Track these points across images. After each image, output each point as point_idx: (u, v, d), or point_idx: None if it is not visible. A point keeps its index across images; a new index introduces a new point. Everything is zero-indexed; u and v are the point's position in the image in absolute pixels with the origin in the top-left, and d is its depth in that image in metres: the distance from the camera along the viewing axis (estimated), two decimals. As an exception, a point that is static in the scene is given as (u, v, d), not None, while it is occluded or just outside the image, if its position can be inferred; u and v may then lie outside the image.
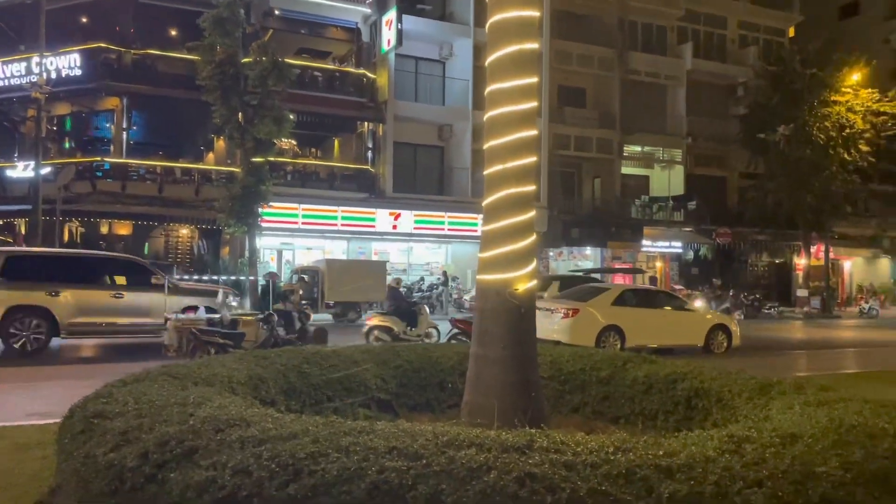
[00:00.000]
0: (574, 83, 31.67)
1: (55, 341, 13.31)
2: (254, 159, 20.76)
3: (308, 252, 26.10)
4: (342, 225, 25.57)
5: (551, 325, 13.58)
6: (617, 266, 30.01)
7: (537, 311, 5.74)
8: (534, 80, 5.12)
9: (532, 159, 5.15)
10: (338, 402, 6.26)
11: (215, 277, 13.41)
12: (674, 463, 2.97)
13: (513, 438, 3.18)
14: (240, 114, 20.38)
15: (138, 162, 23.84)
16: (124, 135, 24.25)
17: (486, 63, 5.22)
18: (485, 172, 5.23)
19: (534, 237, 5.18)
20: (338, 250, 26.29)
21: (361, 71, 26.64)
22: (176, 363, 5.98)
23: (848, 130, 30.52)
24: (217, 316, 11.86)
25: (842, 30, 38.91)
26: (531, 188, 5.15)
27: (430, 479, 2.82)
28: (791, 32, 37.79)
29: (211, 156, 26.28)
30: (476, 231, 26.81)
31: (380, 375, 6.69)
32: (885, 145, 32.06)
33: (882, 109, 31.01)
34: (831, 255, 34.47)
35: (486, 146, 5.23)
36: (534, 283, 5.17)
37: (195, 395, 4.26)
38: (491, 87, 5.14)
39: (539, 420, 5.04)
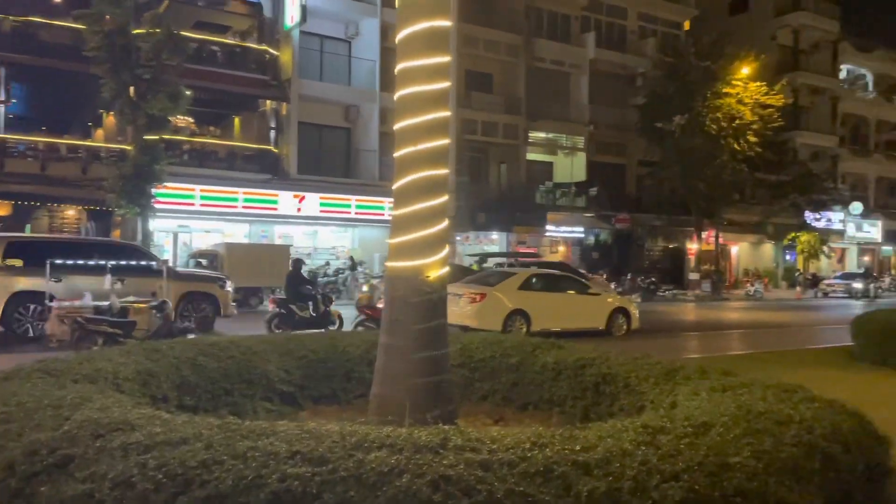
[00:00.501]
0: (481, 68, 31.75)
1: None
2: (147, 137, 19.59)
3: (206, 235, 25.03)
4: (243, 207, 24.63)
5: (459, 310, 13.54)
6: (521, 251, 30.45)
7: (444, 297, 5.60)
8: (446, 59, 4.92)
9: (445, 141, 4.96)
10: (237, 395, 5.91)
11: (103, 262, 12.64)
12: (591, 458, 2.87)
13: (426, 437, 2.99)
14: (131, 88, 19.13)
15: (18, 137, 22.09)
16: (2, 108, 22.37)
17: (397, 39, 4.98)
18: (395, 154, 5.00)
19: (446, 222, 5.00)
20: (239, 233, 25.35)
21: (263, 47, 25.65)
22: (56, 356, 5.44)
23: (738, 122, 32.12)
24: (106, 304, 11.11)
25: (732, 25, 40.74)
26: (444, 171, 4.97)
27: (337, 486, 2.60)
28: (687, 26, 39.29)
29: (100, 132, 24.70)
30: (384, 215, 26.52)
31: (283, 367, 6.37)
32: (771, 136, 34.00)
33: (769, 102, 32.79)
34: (721, 240, 36.34)
35: (396, 127, 5.00)
36: (446, 269, 5.00)
37: (73, 395, 3.85)
38: (401, 65, 4.91)
39: (449, 411, 4.90)
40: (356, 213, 26.64)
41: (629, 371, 5.71)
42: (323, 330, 11.90)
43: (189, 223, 24.67)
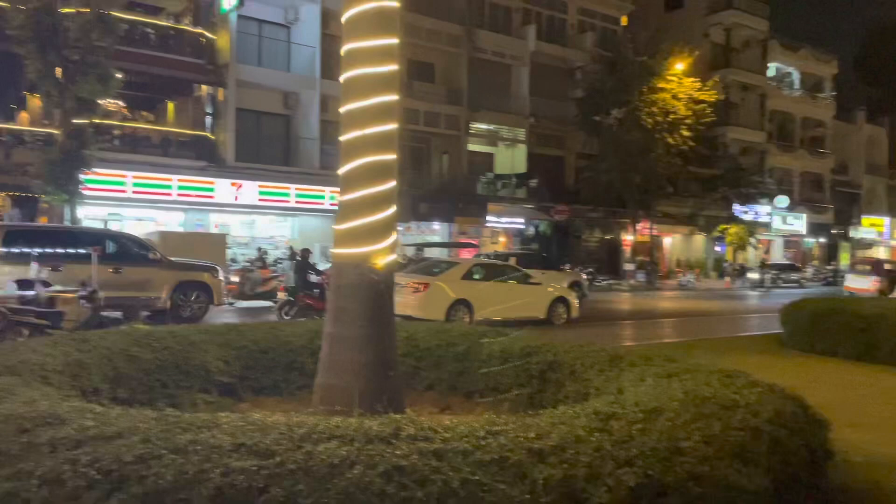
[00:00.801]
0: (423, 58, 31.53)
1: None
2: (75, 121, 18.74)
3: (139, 224, 24.15)
4: (178, 195, 23.84)
5: (402, 299, 13.42)
6: (463, 241, 30.51)
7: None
8: (394, 41, 4.80)
9: (393, 126, 4.85)
10: (173, 387, 5.69)
11: (38, 250, 12.28)
12: (546, 445, 2.84)
13: (377, 427, 2.90)
14: (59, 70, 18.25)
15: (-67, 119, 20.84)
16: (-86, 88, 21.06)
17: (343, 19, 4.83)
18: (342, 138, 4.87)
19: (394, 209, 4.90)
20: (173, 222, 24.54)
21: (199, 30, 24.83)
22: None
23: (672, 116, 32.90)
24: (32, 293, 10.57)
25: (668, 21, 41.66)
26: (392, 156, 4.86)
27: (285, 480, 2.48)
28: (624, 21, 39.94)
29: (24, 115, 23.47)
30: (324, 204, 26.14)
31: (222, 357, 6.17)
32: (703, 131, 34.99)
33: (702, 98, 33.70)
34: (655, 231, 37.25)
35: (342, 110, 4.86)
36: (394, 257, 4.90)
37: (-5, 389, 3.60)
38: (348, 46, 4.77)
39: (396, 401, 4.81)
40: (296, 202, 26.14)
41: (575, 359, 5.75)
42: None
43: (120, 211, 23.76)
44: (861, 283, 26.83)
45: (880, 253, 56.22)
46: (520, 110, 34.09)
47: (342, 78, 4.87)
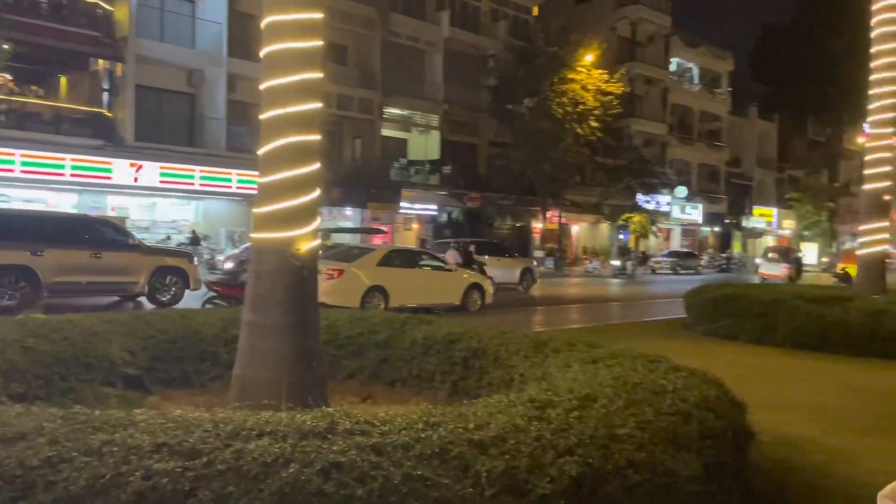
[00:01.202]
0: (335, 39, 30.87)
1: None
2: (-45, 93, 17.28)
3: (28, 206, 22.58)
4: (71, 175, 22.40)
5: (315, 286, 13.15)
6: (373, 227, 30.25)
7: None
8: (319, 15, 4.58)
9: (317, 105, 4.64)
10: (73, 381, 5.28)
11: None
12: (486, 436, 2.76)
13: (311, 422, 2.75)
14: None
15: None
16: None
17: (265, -10, 4.57)
18: (262, 116, 4.62)
19: (318, 192, 4.70)
20: (66, 204, 23.08)
21: (95, 1, 23.36)
22: None
23: (581, 107, 33.69)
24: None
25: (577, 13, 42.55)
26: (316, 137, 4.65)
27: (213, 481, 2.30)
28: (535, 11, 40.48)
29: None
30: (231, 187, 25.26)
31: (127, 348, 5.79)
32: (610, 122, 36.03)
33: (609, 90, 34.65)
34: (563, 219, 38.14)
35: (263, 86, 4.61)
36: (317, 242, 4.71)
37: None
38: (271, 19, 4.51)
39: (321, 392, 4.64)
40: (200, 185, 25.10)
41: (499, 345, 5.73)
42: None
43: (7, 192, 22.14)
44: (773, 270, 29.74)
45: (769, 241, 59.84)
46: (433, 96, 34.01)
47: (263, 52, 4.62)
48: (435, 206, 33.60)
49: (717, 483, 3.24)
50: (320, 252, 17.18)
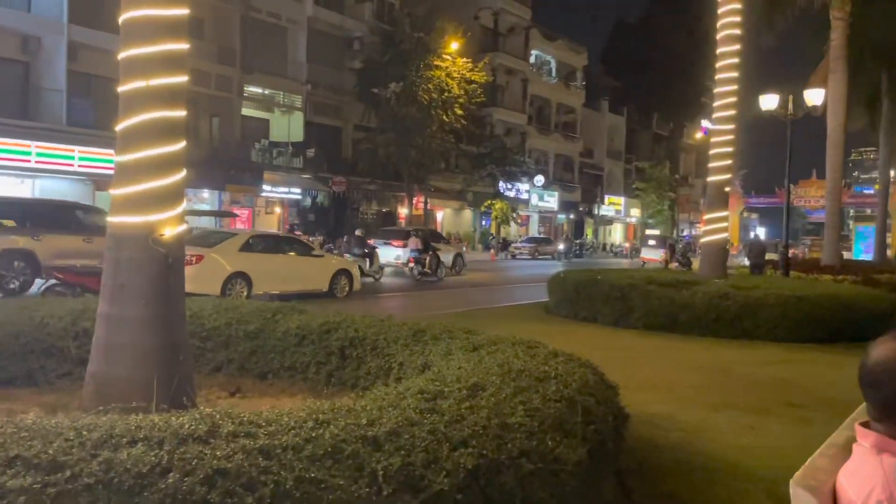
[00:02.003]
0: (190, 12, 29.14)
1: None
2: None
3: None
4: None
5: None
6: (235, 210, 29.04)
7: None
8: (186, -19, 4.23)
9: (183, 78, 4.29)
10: None
11: None
12: (380, 432, 2.66)
13: (189, 425, 2.51)
14: None
15: None
16: None
17: (124, -51, 4.15)
18: (121, 89, 4.20)
19: (183, 172, 4.35)
20: None
21: None
22: None
23: (446, 94, 34.00)
24: None
25: (442, 1, 42.80)
26: (181, 113, 4.29)
27: (80, 497, 2.04)
28: (402, -5, 40.27)
29: None
30: (73, 165, 23.31)
31: (-43, 344, 5.15)
32: (474, 111, 36.68)
33: (473, 78, 35.21)
34: (428, 205, 38.48)
35: (122, 56, 4.19)
36: (184, 227, 4.37)
37: None
38: (131, -19, 4.10)
39: (188, 388, 4.33)
40: (37, 162, 22.90)
41: (377, 333, 5.62)
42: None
43: None
44: (653, 255, 32.99)
45: (618, 228, 63.59)
46: (296, 76, 33.06)
47: (122, 19, 4.20)
48: (299, 190, 32.76)
49: (598, 466, 3.33)
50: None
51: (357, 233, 21.81)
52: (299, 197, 33.07)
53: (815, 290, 11.39)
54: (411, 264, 21.94)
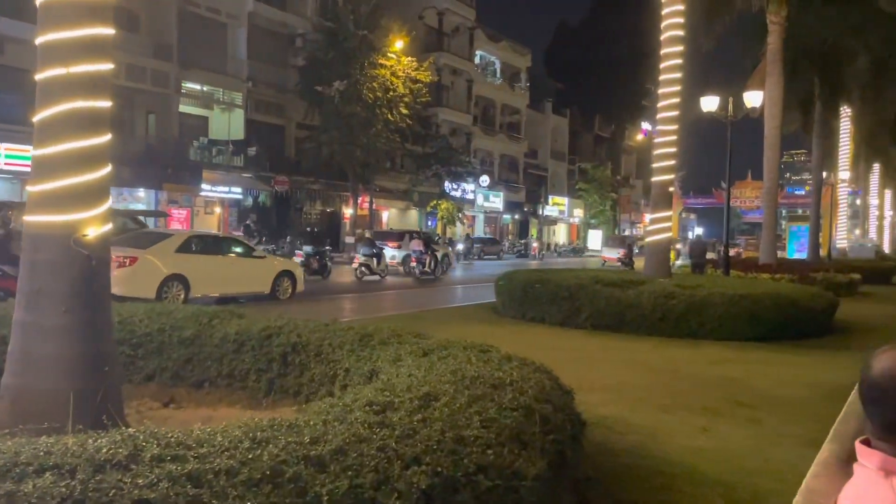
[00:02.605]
0: (123, 3, 28.07)
1: None
2: None
3: None
4: None
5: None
6: (172, 210, 28.13)
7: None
8: (111, -40, 3.89)
9: (107, 66, 3.95)
10: None
11: None
12: (325, 451, 2.42)
13: (108, 448, 2.23)
14: None
15: None
16: None
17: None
18: (38, 76, 3.84)
19: (109, 168, 4.01)
20: None
21: None
22: None
23: (391, 93, 33.67)
24: None
25: (387, -1, 42.44)
26: (106, 103, 3.96)
27: (-29, 542, 1.75)
28: (345, -8, 39.73)
29: None
30: (-4, 162, 22.18)
31: None
32: (420, 110, 36.46)
33: (418, 77, 34.98)
34: (374, 205, 38.07)
35: (40, 41, 3.83)
36: (109, 227, 4.03)
37: None
38: (48, -42, 3.75)
39: (115, 403, 3.99)
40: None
41: (321, 338, 5.36)
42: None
43: None
44: (613, 254, 34.13)
45: (562, 228, 64.31)
46: (236, 73, 32.24)
47: (40, 0, 3.84)
48: (239, 190, 31.94)
49: (558, 478, 3.16)
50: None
51: (366, 234, 24.61)
52: (240, 196, 32.25)
53: (757, 289, 11.56)
54: (413, 263, 24.37)
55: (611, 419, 5.73)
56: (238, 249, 14.94)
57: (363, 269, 21.58)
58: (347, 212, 37.11)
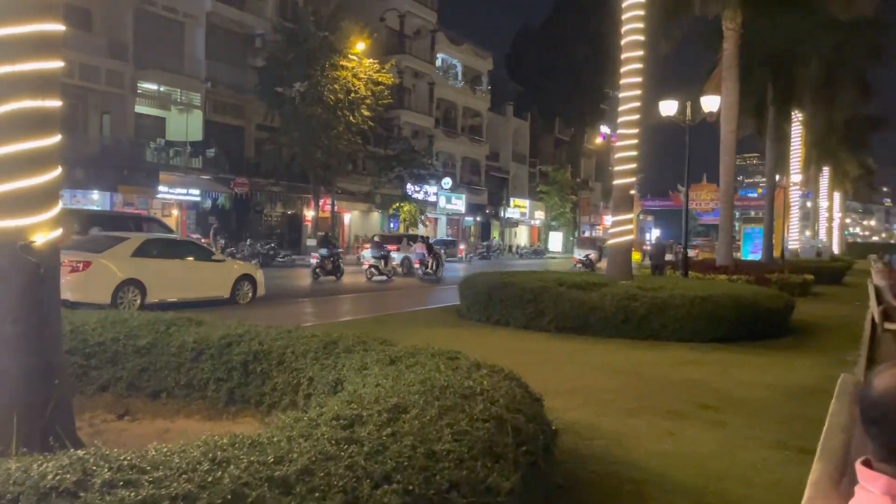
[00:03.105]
0: (77, 2, 27.37)
1: None
2: None
3: None
4: None
5: (55, 281, 11.39)
6: (128, 212, 27.43)
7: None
8: (60, -48, 3.71)
9: (58, 64, 3.76)
10: None
11: None
12: (291, 471, 2.30)
13: (54, 474, 2.07)
14: None
15: None
16: None
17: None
18: (-20, 73, 3.63)
19: (59, 171, 3.82)
20: None
21: None
22: None
23: (353, 95, 33.44)
24: None
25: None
26: (55, 103, 3.77)
27: None
28: (306, -8, 39.35)
29: None
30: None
31: None
32: (382, 112, 36.28)
33: (380, 79, 34.81)
34: (336, 207, 37.74)
35: (-18, 34, 3.63)
36: (59, 232, 3.83)
37: None
38: (-9, -52, 3.55)
39: (65, 420, 3.80)
40: None
41: (284, 346, 5.21)
42: None
43: None
44: (581, 255, 34.80)
45: (523, 230, 64.65)
46: (194, 73, 31.68)
47: (-18, -7, 3.63)
48: (198, 192, 31.35)
49: (531, 491, 3.08)
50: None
51: (375, 238, 26.78)
52: (198, 199, 31.65)
53: (716, 291, 11.69)
54: (416, 265, 26.01)
55: (578, 424, 5.69)
56: (196, 253, 14.60)
57: (373, 269, 23.47)
58: (309, 214, 36.73)
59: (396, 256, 26.57)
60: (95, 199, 27.47)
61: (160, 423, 5.17)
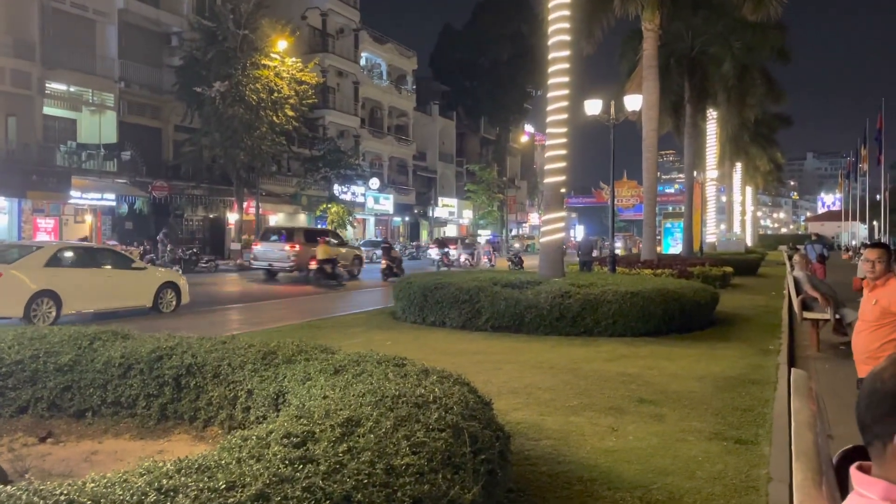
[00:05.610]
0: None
1: None
2: None
3: None
4: None
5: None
6: (38, 220, 26.06)
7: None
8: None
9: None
10: None
11: None
12: (244, 498, 2.15)
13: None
14: None
15: None
16: None
17: None
18: None
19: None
20: None
21: None
22: None
23: (276, 94, 32.77)
24: None
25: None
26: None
27: None
28: (223, -10, 38.28)
29: None
30: None
31: None
32: (306, 112, 35.68)
33: (304, 79, 34.22)
34: (260, 210, 36.89)
35: None
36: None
37: None
38: None
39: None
40: None
41: (219, 358, 4.99)
42: None
43: None
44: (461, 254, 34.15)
45: (452, 230, 64.89)
46: (107, 73, 30.38)
47: None
48: (113, 196, 30.06)
49: (489, 498, 3.02)
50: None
51: (383, 244, 28.60)
52: (114, 203, 30.35)
53: (646, 286, 11.95)
54: (384, 266, 26.23)
55: (523, 425, 5.68)
56: (115, 261, 13.95)
57: (388, 270, 25.30)
58: (232, 217, 35.77)
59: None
60: (3, 206, 25.95)
61: (87, 445, 4.87)
